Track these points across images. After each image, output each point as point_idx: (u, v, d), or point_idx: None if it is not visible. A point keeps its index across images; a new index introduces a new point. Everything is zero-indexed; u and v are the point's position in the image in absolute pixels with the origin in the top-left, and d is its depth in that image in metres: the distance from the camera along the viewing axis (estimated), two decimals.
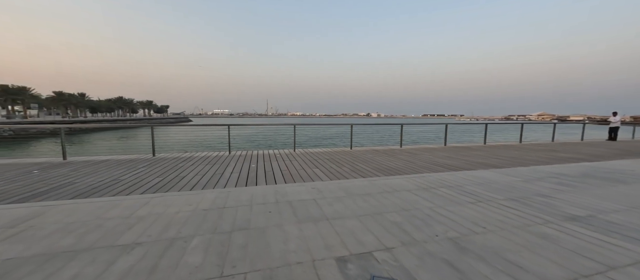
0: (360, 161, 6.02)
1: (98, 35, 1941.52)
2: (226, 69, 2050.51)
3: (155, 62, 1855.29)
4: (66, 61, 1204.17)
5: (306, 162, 5.83)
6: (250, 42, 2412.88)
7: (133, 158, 6.22)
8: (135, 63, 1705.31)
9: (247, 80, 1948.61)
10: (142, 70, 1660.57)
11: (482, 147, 8.66)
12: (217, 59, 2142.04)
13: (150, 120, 79.79)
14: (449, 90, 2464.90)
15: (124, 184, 4.03)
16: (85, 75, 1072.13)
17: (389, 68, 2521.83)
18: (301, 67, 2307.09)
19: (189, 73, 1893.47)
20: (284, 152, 7.21)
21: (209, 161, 5.91)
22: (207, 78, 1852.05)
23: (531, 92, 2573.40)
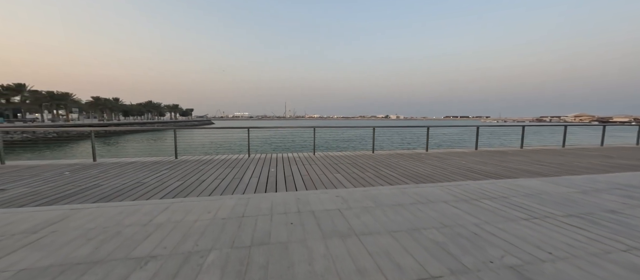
0: (384, 166, 5.65)
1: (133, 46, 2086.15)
2: (247, 72, 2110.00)
3: (181, 69, 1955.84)
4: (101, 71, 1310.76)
5: (327, 167, 5.57)
6: (269, 47, 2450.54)
7: (157, 160, 6.33)
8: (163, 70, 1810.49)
9: (266, 84, 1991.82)
10: (170, 76, 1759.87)
11: (520, 152, 7.88)
12: (238, 63, 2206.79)
13: (175, 123, 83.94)
14: (473, 91, 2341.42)
15: (146, 187, 4.01)
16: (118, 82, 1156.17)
17: (409, 69, 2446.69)
18: (319, 69, 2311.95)
19: (211, 78, 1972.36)
20: (304, 156, 7.01)
21: (228, 164, 5.85)
22: (229, 82, 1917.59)
23: (567, 92, 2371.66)
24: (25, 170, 5.10)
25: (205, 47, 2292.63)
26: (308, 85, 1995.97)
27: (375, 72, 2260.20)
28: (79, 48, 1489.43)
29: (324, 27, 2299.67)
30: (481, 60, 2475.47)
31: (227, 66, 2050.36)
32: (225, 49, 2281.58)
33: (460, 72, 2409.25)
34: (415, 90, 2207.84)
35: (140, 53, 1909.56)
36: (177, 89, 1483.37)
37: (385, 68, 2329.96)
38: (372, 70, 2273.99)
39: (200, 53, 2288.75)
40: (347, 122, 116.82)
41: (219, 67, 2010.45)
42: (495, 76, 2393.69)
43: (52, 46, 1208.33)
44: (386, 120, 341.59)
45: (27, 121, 47.08)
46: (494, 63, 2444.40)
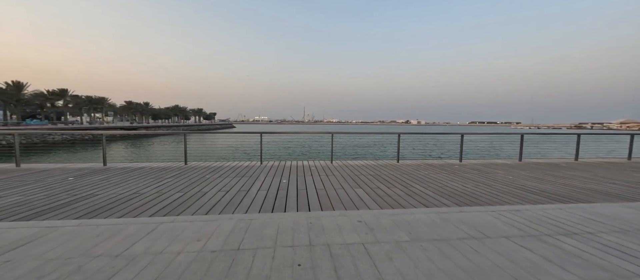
0: (413, 179, 4.84)
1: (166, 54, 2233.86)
2: (266, 78, 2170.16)
3: (206, 75, 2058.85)
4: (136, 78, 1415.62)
5: (346, 179, 4.87)
6: (289, 53, 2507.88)
7: (166, 166, 6.02)
8: (190, 76, 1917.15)
9: (286, 88, 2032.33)
10: (195, 81, 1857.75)
11: (576, 165, 6.63)
12: (258, 69, 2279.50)
13: (193, 127, 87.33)
14: (501, 95, 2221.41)
15: (142, 198, 3.58)
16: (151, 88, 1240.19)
17: (431, 72, 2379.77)
18: (338, 74, 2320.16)
19: (233, 83, 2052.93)
20: (320, 164, 6.37)
21: (237, 173, 5.36)
22: (250, 87, 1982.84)
23: (609, 96, 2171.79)
24: (34, 175, 4.95)
25: (229, 53, 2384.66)
26: (327, 90, 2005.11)
27: (396, 77, 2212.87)
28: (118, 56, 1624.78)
29: (344, 34, 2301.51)
30: (509, 61, 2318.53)
31: (249, 72, 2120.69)
32: (247, 55, 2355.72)
33: (486, 74, 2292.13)
34: (437, 95, 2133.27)
35: (171, 60, 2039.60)
36: (201, 93, 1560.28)
37: (406, 72, 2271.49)
38: (392, 75, 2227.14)
39: (223, 59, 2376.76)
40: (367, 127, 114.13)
41: (243, 73, 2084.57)
42: (526, 78, 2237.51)
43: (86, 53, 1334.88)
44: (407, 125, 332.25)
45: (68, 123, 51.23)
46: (523, 64, 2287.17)
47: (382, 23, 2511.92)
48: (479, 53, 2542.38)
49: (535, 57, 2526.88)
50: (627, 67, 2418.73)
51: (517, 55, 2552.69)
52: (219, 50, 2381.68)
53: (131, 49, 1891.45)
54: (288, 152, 16.29)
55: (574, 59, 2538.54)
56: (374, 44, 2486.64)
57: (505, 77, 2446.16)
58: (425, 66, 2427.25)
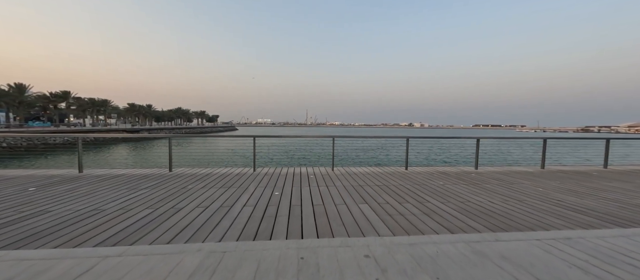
0: (427, 192, 4.15)
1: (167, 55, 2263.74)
2: (269, 80, 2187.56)
3: (209, 77, 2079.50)
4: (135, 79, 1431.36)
5: (348, 190, 4.21)
6: (292, 55, 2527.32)
7: (147, 173, 5.40)
8: (193, 78, 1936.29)
9: (289, 91, 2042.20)
10: (198, 83, 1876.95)
11: (608, 173, 5.88)
12: (261, 71, 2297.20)
13: (195, 129, 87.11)
14: (505, 97, 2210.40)
15: (101, 216, 2.95)
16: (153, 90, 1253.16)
17: (433, 75, 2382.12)
18: (341, 77, 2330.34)
19: (236, 85, 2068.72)
20: (320, 172, 5.71)
21: (225, 182, 4.72)
22: (252, 89, 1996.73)
23: (616, 99, 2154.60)
24: None
25: (233, 56, 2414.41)
26: (329, 92, 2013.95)
27: (399, 79, 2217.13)
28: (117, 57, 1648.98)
29: (347, 37, 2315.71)
30: (515, 64, 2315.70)
31: (252, 75, 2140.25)
32: (250, 58, 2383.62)
33: (491, 77, 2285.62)
34: (440, 98, 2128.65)
35: (173, 61, 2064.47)
36: (205, 96, 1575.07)
37: (409, 75, 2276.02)
38: (395, 78, 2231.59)
39: (228, 62, 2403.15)
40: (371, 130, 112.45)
41: (246, 76, 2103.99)
42: (531, 81, 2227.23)
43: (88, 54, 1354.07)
44: (412, 128, 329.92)
45: (71, 126, 51.25)
46: (528, 67, 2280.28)
47: (386, 26, 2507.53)
48: (483, 56, 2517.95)
49: (541, 60, 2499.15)
50: (632, 70, 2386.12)
51: (522, 58, 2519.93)
52: (223, 54, 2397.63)
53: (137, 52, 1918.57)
54: (286, 156, 15.40)
55: (579, 61, 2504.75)
56: (378, 47, 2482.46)
57: (510, 80, 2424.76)
58: (429, 69, 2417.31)
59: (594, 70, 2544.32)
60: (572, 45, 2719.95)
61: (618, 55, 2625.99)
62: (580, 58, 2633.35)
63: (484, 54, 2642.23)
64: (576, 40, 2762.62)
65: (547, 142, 6.34)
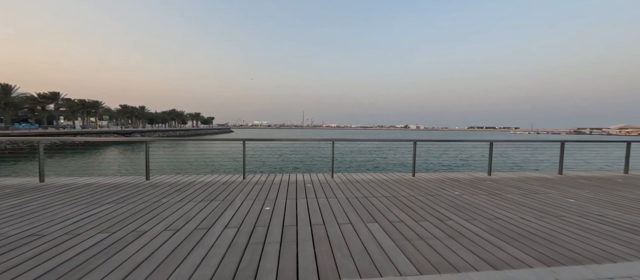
0: (445, 204, 3.55)
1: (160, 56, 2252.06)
2: (266, 82, 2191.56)
3: (206, 79, 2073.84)
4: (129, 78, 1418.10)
5: (352, 203, 3.59)
6: (288, 57, 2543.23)
7: (121, 182, 4.71)
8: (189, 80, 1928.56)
9: (285, 92, 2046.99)
10: (193, 85, 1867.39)
11: (631, 179, 5.37)
12: (257, 73, 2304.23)
13: (190, 131, 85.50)
14: (499, 100, 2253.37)
15: (39, 244, 2.28)
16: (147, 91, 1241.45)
17: (428, 77, 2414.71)
18: (337, 79, 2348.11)
19: (232, 86, 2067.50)
20: (318, 179, 5.08)
21: (209, 193, 4.05)
22: (249, 92, 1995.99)
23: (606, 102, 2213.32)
24: None
25: (229, 58, 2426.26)
26: (325, 94, 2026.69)
27: (395, 82, 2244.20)
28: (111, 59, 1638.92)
29: (344, 40, 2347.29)
30: (508, 67, 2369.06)
31: (248, 76, 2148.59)
32: (247, 59, 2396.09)
33: (485, 80, 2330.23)
34: (435, 100, 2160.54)
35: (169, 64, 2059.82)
36: (201, 98, 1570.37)
37: (405, 78, 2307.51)
38: (390, 79, 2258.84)
39: (224, 63, 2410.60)
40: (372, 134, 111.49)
41: (242, 78, 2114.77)
42: (524, 83, 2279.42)
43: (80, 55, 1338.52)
44: (405, 130, 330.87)
45: (60, 128, 49.72)
46: (522, 70, 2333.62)
47: (382, 30, 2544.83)
48: (478, 59, 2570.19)
49: (534, 63, 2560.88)
50: (623, 74, 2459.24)
51: (515, 61, 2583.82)
52: (220, 56, 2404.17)
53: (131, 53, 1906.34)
54: (281, 161, 14.38)
55: (572, 64, 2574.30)
56: (374, 50, 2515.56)
57: (503, 82, 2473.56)
58: (424, 71, 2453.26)
59: (585, 74, 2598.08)
60: (565, 49, 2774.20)
61: (610, 60, 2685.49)
62: (572, 62, 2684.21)
63: (478, 57, 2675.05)
64: (569, 45, 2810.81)
65: (564, 145, 5.78)
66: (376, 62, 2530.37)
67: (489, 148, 5.65)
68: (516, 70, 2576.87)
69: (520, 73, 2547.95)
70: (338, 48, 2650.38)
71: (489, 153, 5.65)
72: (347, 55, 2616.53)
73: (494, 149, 5.63)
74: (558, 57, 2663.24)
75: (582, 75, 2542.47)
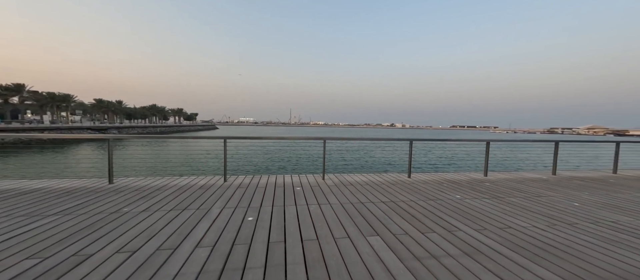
0: (446, 210, 3.23)
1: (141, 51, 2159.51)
2: (252, 79, 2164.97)
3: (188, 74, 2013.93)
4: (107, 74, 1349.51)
5: (348, 210, 3.18)
6: (275, 54, 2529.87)
7: (77, 186, 4.04)
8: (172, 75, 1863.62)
9: (272, 90, 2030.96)
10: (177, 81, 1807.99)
11: (623, 180, 5.35)
12: (244, 69, 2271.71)
13: (172, 127, 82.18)
14: (479, 100, 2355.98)
15: None
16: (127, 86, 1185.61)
17: (414, 76, 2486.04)
18: (324, 78, 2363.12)
19: (218, 83, 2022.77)
20: (308, 181, 4.64)
21: (181, 199, 3.50)
22: (234, 88, 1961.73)
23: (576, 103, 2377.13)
24: None
25: (214, 53, 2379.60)
26: (313, 92, 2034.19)
27: (380, 81, 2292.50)
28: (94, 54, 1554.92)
29: (331, 37, 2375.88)
30: (487, 68, 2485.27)
31: (234, 73, 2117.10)
32: (233, 56, 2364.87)
33: (467, 81, 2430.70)
34: (420, 99, 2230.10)
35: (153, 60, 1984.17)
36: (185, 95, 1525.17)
37: (389, 76, 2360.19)
38: (376, 79, 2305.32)
39: (209, 59, 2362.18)
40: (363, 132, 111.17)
41: (229, 74, 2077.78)
42: (503, 86, 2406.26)
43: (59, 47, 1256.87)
44: (391, 128, 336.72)
45: (25, 123, 45.89)
46: (500, 71, 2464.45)
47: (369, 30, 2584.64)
48: (460, 61, 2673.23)
49: (512, 67, 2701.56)
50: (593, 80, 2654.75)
51: (495, 64, 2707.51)
52: (204, 51, 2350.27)
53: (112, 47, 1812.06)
54: (267, 160, 13.52)
55: (546, 69, 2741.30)
56: (360, 50, 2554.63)
57: (484, 84, 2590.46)
58: (409, 72, 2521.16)
59: (558, 78, 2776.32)
60: (540, 55, 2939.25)
61: (580, 65, 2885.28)
62: (546, 66, 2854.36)
63: (460, 60, 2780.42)
64: (546, 51, 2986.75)
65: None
66: (364, 62, 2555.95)
67: (486, 148, 5.44)
68: (496, 73, 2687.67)
69: (499, 75, 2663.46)
70: (327, 47, 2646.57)
71: (486, 153, 5.44)
72: (336, 55, 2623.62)
73: (483, 148, 5.42)
74: (534, 62, 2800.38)
75: (555, 79, 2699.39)
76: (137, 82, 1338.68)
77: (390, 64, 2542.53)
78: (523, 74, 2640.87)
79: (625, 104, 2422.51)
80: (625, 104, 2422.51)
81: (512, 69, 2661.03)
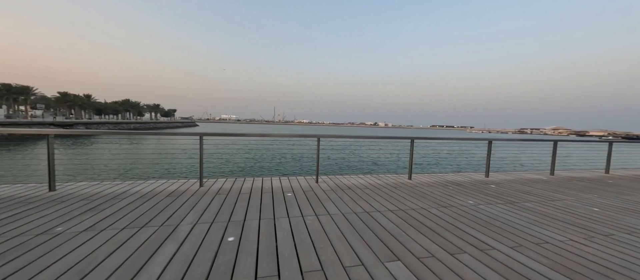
0: (463, 218, 2.78)
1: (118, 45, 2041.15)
2: (235, 76, 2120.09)
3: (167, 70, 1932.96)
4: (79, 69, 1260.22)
5: (353, 223, 2.62)
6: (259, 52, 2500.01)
7: (7, 195, 3.15)
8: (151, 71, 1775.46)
9: (255, 88, 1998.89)
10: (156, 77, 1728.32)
11: (619, 180, 5.27)
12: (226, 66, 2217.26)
13: (147, 124, 77.77)
14: (457, 101, 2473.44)
15: None
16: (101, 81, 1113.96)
17: (396, 77, 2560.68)
18: (308, 76, 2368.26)
19: (198, 80, 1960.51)
20: (300, 185, 4.03)
21: (143, 211, 2.76)
22: (216, 85, 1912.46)
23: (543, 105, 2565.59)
24: None
25: (195, 49, 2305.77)
26: (297, 92, 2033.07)
27: (364, 80, 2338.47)
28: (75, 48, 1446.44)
29: (312, 35, 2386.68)
30: (464, 71, 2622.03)
31: (216, 69, 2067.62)
32: (215, 51, 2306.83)
33: (445, 83, 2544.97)
34: (401, 99, 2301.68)
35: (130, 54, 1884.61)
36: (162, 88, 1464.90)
37: (371, 75, 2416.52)
38: (360, 78, 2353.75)
39: (190, 55, 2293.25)
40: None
41: (214, 70, 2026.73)
42: (479, 87, 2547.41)
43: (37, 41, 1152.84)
44: (374, 127, 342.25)
45: None
46: (475, 75, 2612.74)
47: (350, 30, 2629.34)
48: (438, 63, 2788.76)
49: (486, 70, 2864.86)
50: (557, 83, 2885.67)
51: (470, 67, 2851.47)
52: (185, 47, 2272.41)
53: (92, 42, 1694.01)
54: (251, 160, 12.33)
55: (516, 73, 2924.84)
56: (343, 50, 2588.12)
57: (461, 85, 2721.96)
58: (391, 72, 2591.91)
59: (527, 80, 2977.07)
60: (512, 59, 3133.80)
61: (547, 69, 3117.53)
62: (516, 71, 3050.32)
63: (441, 62, 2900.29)
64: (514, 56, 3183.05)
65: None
66: (347, 62, 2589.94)
67: (488, 147, 5.12)
68: (473, 75, 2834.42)
69: (476, 78, 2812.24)
70: (311, 45, 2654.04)
71: (487, 152, 5.13)
72: (319, 53, 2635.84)
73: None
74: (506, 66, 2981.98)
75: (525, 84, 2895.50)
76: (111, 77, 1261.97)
77: (373, 64, 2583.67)
78: (495, 78, 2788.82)
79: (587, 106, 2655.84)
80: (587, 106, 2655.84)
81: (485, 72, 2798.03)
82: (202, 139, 3.82)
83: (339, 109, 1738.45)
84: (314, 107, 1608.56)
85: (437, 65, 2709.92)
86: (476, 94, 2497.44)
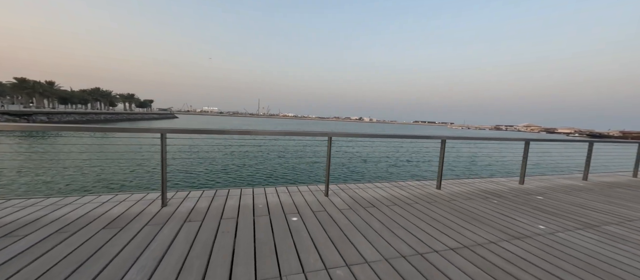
0: (546, 255, 1.90)
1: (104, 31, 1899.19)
2: (217, 67, 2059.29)
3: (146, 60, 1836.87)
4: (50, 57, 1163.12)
5: (397, 269, 1.64)
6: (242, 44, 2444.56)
7: None
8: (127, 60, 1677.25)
9: (238, 79, 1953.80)
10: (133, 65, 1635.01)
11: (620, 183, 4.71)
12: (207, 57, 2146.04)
13: (120, 115, 72.49)
14: (438, 97, 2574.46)
15: None
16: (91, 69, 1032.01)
17: (379, 73, 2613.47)
18: (293, 69, 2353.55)
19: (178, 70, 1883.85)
20: (305, 199, 2.97)
21: (53, 262, 1.58)
22: (198, 77, 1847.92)
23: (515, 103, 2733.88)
24: None
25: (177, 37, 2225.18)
26: (282, 84, 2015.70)
27: (349, 75, 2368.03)
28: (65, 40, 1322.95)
29: (301, 30, 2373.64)
30: (445, 69, 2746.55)
31: (196, 59, 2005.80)
32: (196, 40, 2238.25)
33: (427, 80, 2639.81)
34: (384, 94, 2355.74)
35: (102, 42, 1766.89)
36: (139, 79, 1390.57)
37: (355, 71, 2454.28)
38: (345, 73, 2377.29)
39: (170, 43, 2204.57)
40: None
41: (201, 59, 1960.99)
42: (458, 85, 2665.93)
43: None
44: (359, 122, 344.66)
45: None
46: (454, 73, 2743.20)
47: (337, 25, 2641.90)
48: (421, 60, 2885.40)
49: (464, 68, 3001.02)
50: (529, 81, 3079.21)
51: (449, 65, 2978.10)
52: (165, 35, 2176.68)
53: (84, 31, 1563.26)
54: (238, 161, 9.50)
55: (494, 72, 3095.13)
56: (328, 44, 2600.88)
57: (442, 83, 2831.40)
58: (374, 69, 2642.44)
59: (503, 79, 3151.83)
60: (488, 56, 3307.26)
61: (522, 68, 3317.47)
62: (494, 72, 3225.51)
63: (419, 58, 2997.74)
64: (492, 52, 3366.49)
65: (593, 146, 4.67)
66: (332, 56, 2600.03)
67: (524, 149, 4.32)
68: (452, 73, 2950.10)
69: (455, 75, 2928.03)
70: (296, 38, 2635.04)
71: (524, 156, 4.33)
72: (305, 47, 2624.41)
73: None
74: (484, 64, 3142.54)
75: (502, 83, 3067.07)
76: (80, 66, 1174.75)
77: (356, 60, 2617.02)
78: (474, 76, 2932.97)
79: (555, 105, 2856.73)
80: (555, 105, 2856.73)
81: (467, 67, 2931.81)
82: (164, 137, 2.60)
83: (324, 104, 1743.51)
84: (299, 101, 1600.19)
85: (418, 63, 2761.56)
86: (455, 92, 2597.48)
